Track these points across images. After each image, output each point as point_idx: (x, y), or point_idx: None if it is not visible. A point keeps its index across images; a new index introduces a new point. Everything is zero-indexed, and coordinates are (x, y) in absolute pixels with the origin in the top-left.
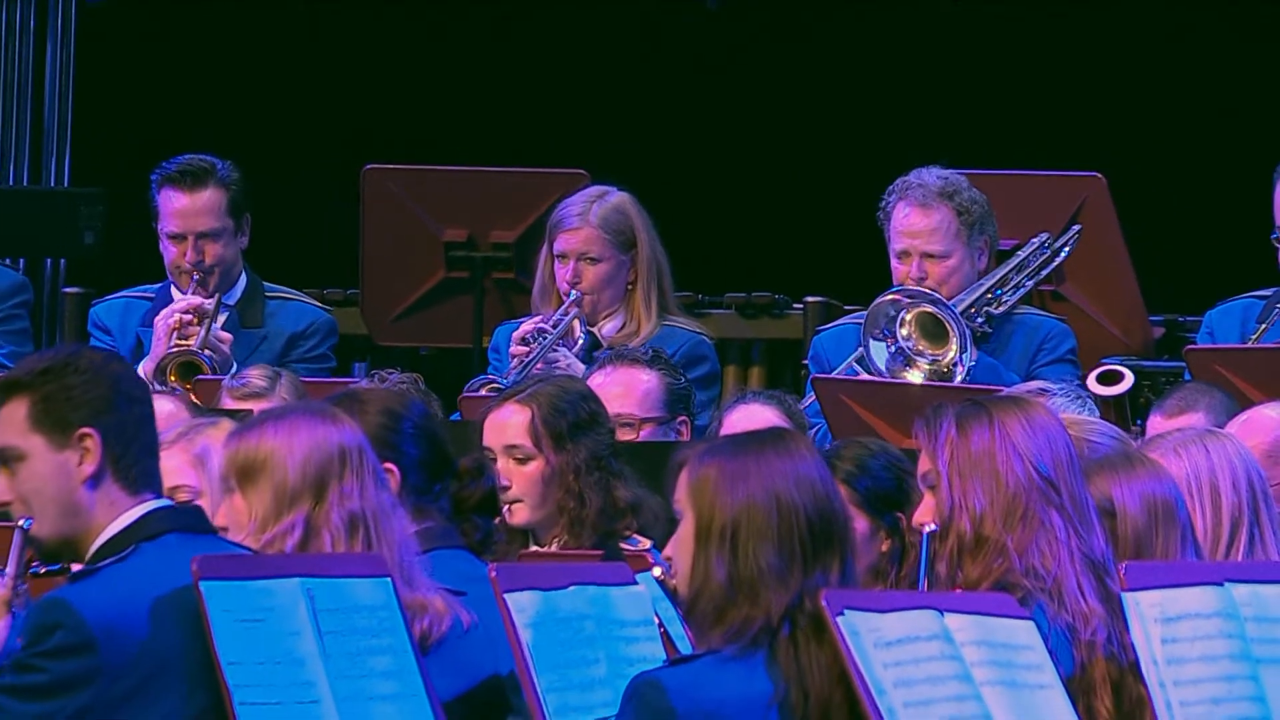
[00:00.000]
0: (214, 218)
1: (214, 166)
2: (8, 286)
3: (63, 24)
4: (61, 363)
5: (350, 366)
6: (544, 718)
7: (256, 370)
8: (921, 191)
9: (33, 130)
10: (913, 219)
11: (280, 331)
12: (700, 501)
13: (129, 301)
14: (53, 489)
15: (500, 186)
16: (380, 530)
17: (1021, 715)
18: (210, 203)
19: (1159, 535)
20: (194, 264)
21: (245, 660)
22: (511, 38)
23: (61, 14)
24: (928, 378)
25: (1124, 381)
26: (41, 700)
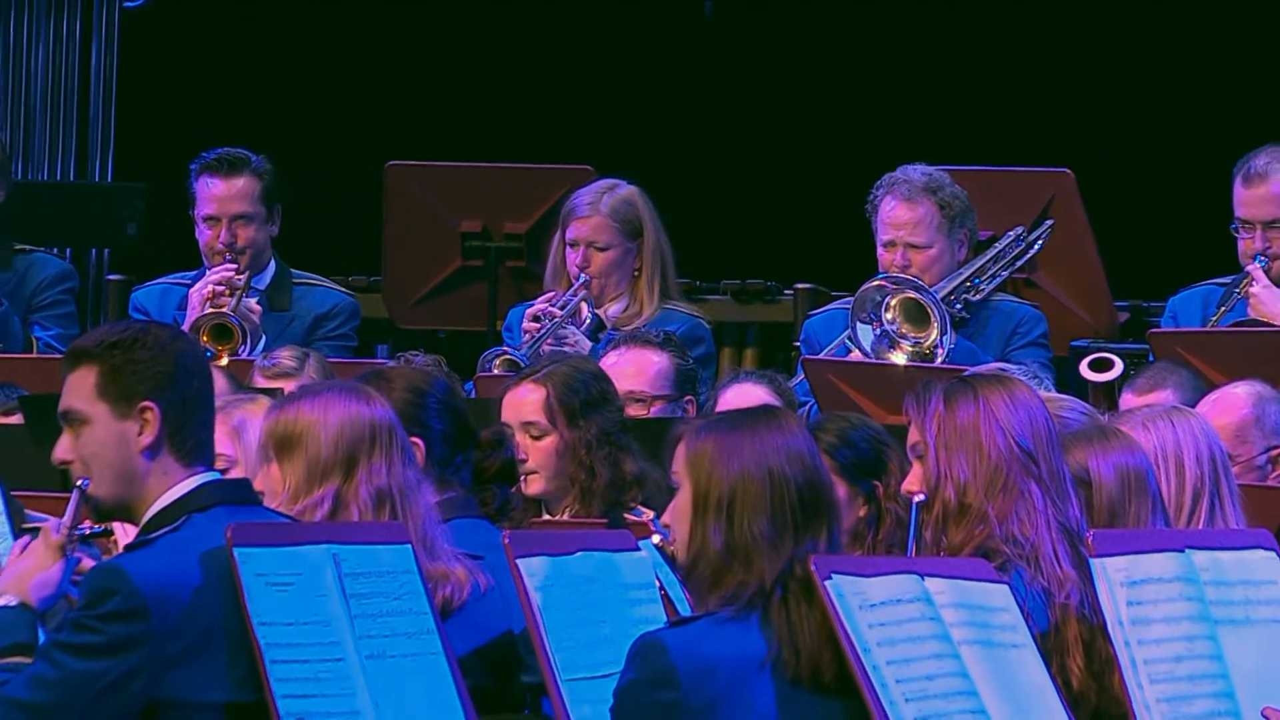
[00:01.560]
0: (247, 203)
1: (249, 158)
2: (56, 274)
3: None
4: (131, 337)
5: (373, 348)
6: (553, 674)
7: (286, 351)
8: (907, 187)
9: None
10: (898, 212)
11: (307, 313)
12: (698, 473)
13: (167, 287)
14: (111, 454)
15: (512, 181)
16: (406, 505)
17: (996, 672)
18: (245, 189)
19: (1131, 503)
20: (227, 245)
21: (276, 621)
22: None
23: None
24: (910, 359)
25: (1115, 369)
26: (95, 659)
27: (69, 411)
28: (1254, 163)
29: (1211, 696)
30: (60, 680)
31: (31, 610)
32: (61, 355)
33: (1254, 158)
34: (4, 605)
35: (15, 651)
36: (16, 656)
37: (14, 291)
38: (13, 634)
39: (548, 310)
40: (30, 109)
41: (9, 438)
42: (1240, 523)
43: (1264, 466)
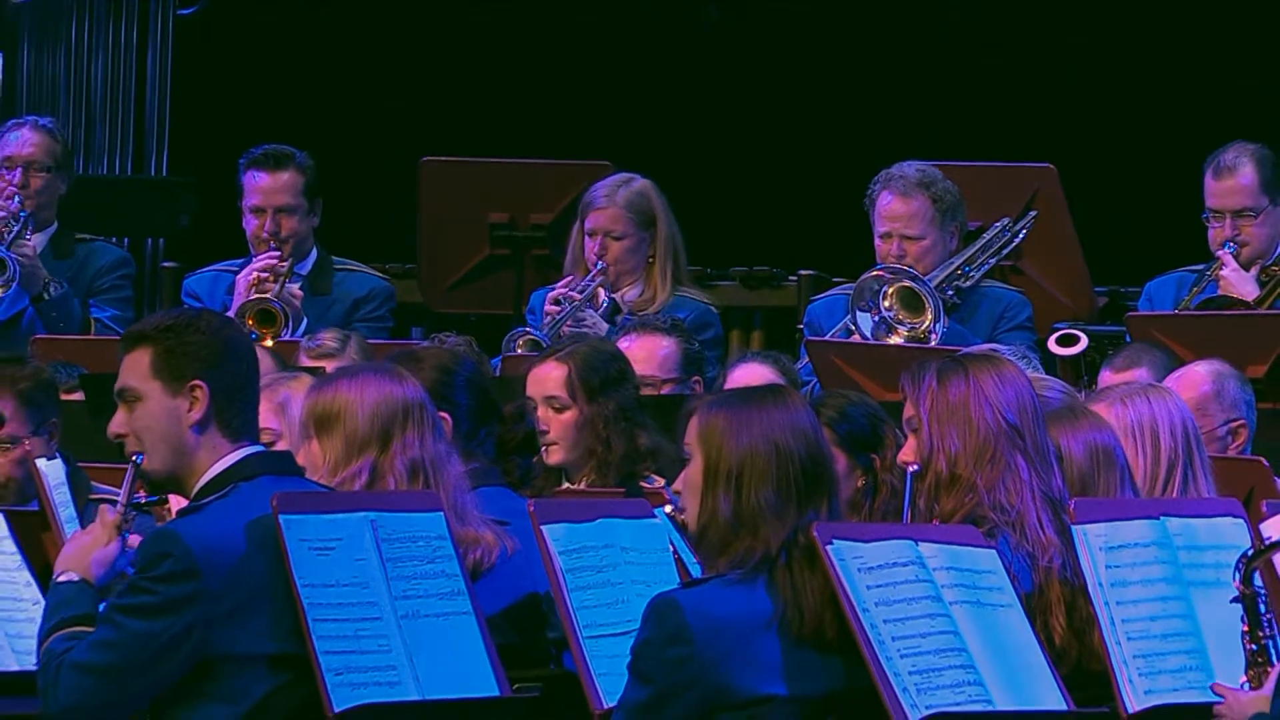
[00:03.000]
0: (291, 195)
1: (293, 153)
2: (114, 260)
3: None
4: (184, 322)
5: (409, 331)
6: (575, 631)
7: (329, 333)
8: (902, 182)
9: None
10: (894, 206)
11: (346, 297)
12: (708, 446)
13: (217, 274)
14: (163, 429)
15: (536, 175)
16: (437, 475)
17: (985, 630)
18: (289, 182)
19: (1100, 476)
20: (271, 234)
21: (318, 583)
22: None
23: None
24: (906, 342)
25: (1080, 344)
26: (151, 618)
27: (125, 389)
28: (1223, 157)
29: (1184, 653)
30: (120, 641)
31: (91, 585)
32: (119, 336)
33: (1223, 153)
34: (66, 581)
35: (78, 623)
36: (79, 627)
37: (75, 277)
38: (75, 607)
39: (568, 294)
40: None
41: (72, 413)
42: (1211, 492)
43: (1224, 438)
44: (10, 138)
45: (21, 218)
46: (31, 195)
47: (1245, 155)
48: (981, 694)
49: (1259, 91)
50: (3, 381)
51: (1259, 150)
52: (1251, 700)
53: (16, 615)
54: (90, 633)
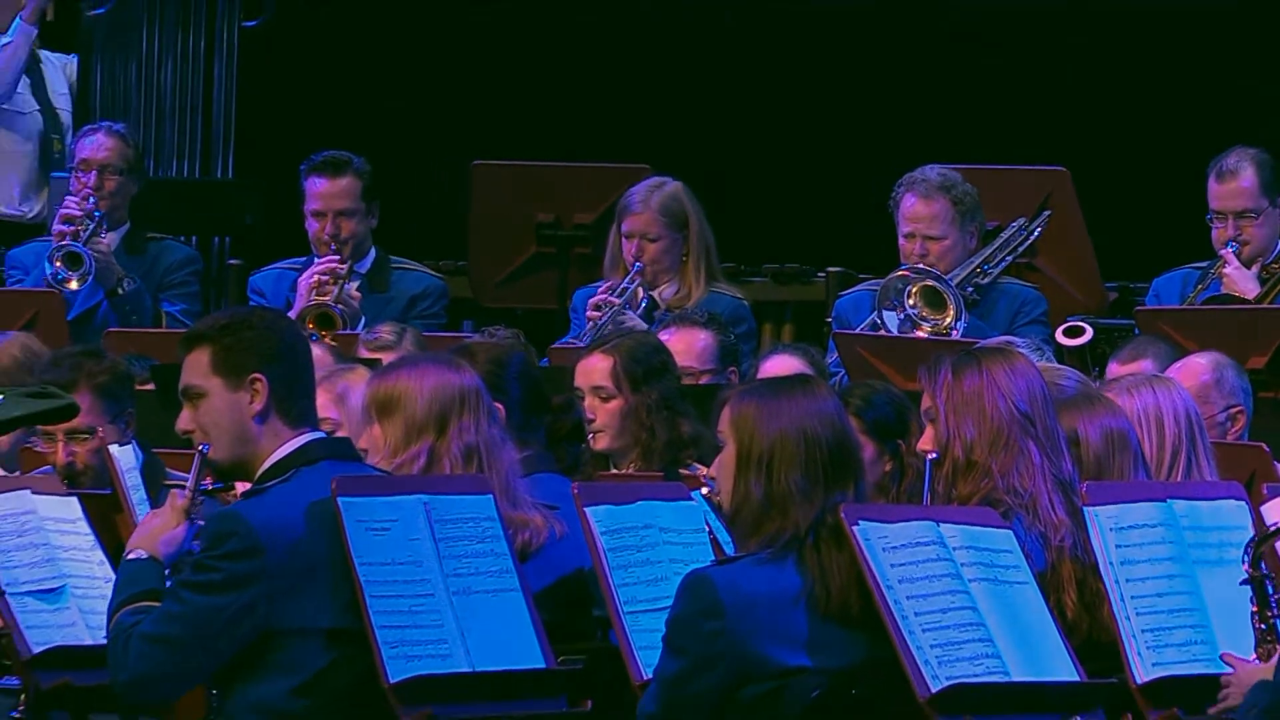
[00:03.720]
0: (350, 199)
1: (351, 160)
2: (183, 258)
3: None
4: (240, 319)
5: (460, 324)
6: (616, 606)
7: (386, 326)
8: (924, 185)
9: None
10: (917, 208)
11: (403, 294)
12: (740, 433)
13: (281, 272)
14: (227, 422)
15: (580, 178)
16: (491, 460)
17: (1001, 605)
18: (348, 187)
19: (1115, 459)
20: (331, 236)
21: (374, 561)
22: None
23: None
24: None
25: (1085, 335)
26: (217, 594)
27: (188, 388)
28: (1225, 162)
29: (1190, 627)
30: (186, 614)
31: (159, 563)
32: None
33: (1225, 158)
34: (135, 558)
35: (146, 598)
36: (147, 601)
37: (146, 273)
38: (143, 583)
39: (608, 300)
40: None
41: (143, 403)
42: (1214, 476)
43: (1224, 424)
44: (85, 142)
45: (96, 217)
46: (105, 196)
47: (1246, 159)
48: (999, 665)
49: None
50: (81, 374)
51: (1259, 154)
52: (1259, 670)
53: (90, 593)
54: (157, 607)
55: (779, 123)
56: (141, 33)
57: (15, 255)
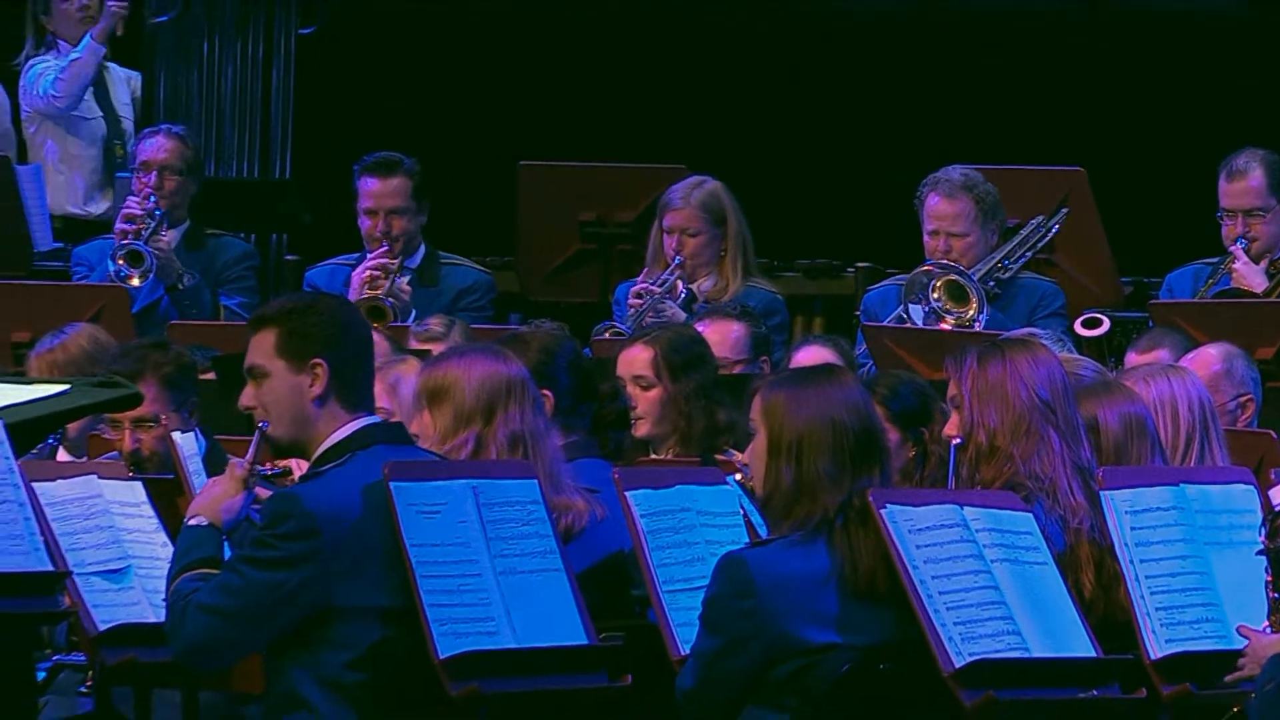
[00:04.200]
0: (400, 198)
1: (402, 160)
2: (241, 253)
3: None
4: (306, 305)
5: (507, 317)
6: (655, 585)
7: (436, 319)
8: (948, 185)
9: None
10: (941, 206)
11: (451, 289)
12: (771, 421)
13: (335, 267)
14: (287, 403)
15: (621, 177)
16: (536, 447)
17: (1022, 585)
18: (398, 187)
19: (1133, 445)
20: (383, 234)
21: (425, 543)
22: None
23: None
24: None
25: (1103, 326)
26: (274, 571)
27: (253, 367)
28: (1235, 162)
29: (1201, 605)
30: (244, 588)
31: (218, 530)
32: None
33: (1235, 158)
34: (196, 524)
35: (205, 564)
36: (206, 568)
37: (206, 268)
38: (203, 549)
39: (648, 289)
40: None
41: (207, 392)
42: (1225, 461)
43: (1234, 411)
44: (146, 144)
45: (157, 216)
46: (165, 196)
47: (1255, 160)
48: (1019, 642)
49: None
50: (146, 365)
51: (1268, 155)
52: (1274, 642)
53: (154, 573)
54: (216, 575)
55: (811, 126)
56: (203, 40)
57: (81, 252)
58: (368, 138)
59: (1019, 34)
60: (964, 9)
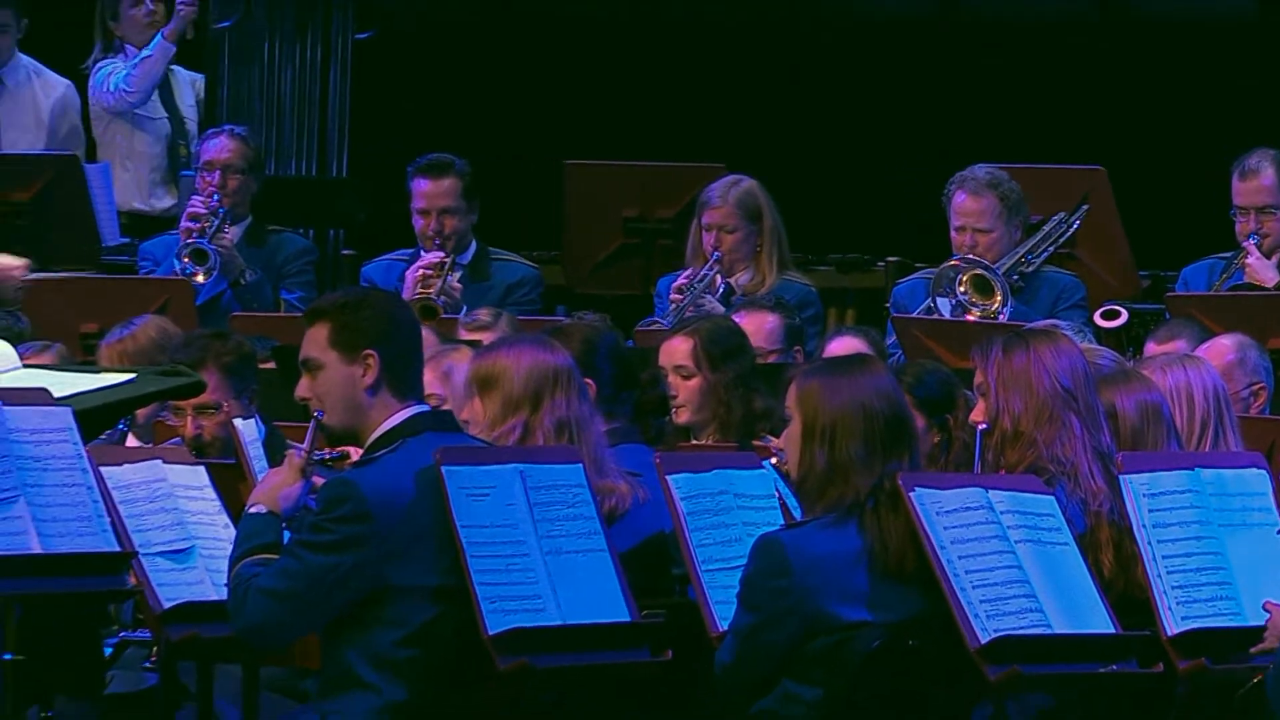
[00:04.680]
0: (452, 199)
1: (453, 162)
2: (301, 249)
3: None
4: (358, 299)
5: (554, 309)
6: (695, 565)
7: (485, 310)
8: (974, 183)
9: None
10: (967, 204)
11: (501, 283)
12: (806, 407)
13: (390, 263)
14: (341, 392)
15: (662, 175)
16: (581, 433)
17: (1045, 565)
18: (450, 187)
19: (1150, 431)
20: (435, 232)
21: (475, 524)
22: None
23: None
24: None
25: (1121, 318)
26: (330, 554)
27: (308, 360)
28: (1247, 161)
29: (1216, 584)
30: (302, 571)
31: (277, 517)
32: None
33: (1247, 158)
34: (256, 512)
35: (265, 550)
36: (266, 554)
37: (267, 263)
38: (264, 536)
39: (689, 284)
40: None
41: (267, 380)
42: (1238, 447)
43: (1247, 399)
44: (209, 144)
45: (221, 214)
46: (228, 194)
47: (1267, 159)
48: (1041, 619)
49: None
50: (208, 354)
51: (1279, 155)
52: None
53: (216, 554)
54: (275, 560)
55: (843, 126)
56: (263, 44)
57: (147, 247)
58: (421, 138)
59: (1042, 39)
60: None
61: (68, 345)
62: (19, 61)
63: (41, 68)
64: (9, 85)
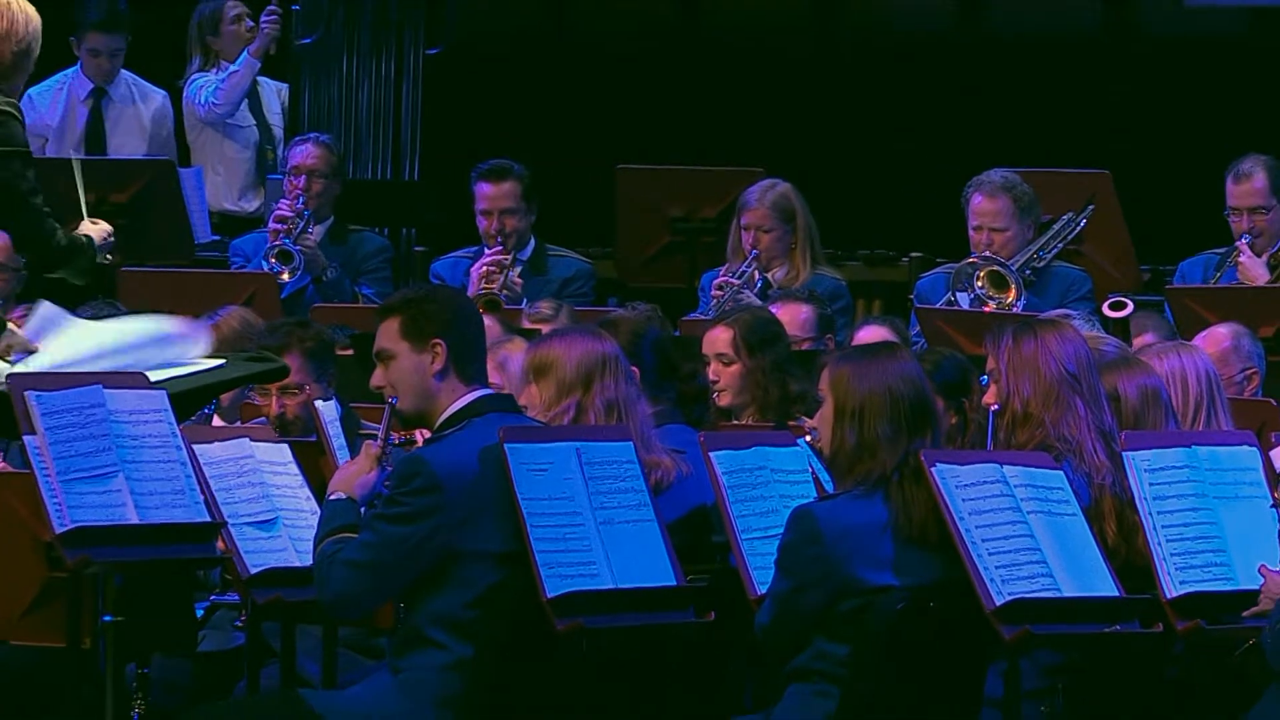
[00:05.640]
0: (512, 200)
1: (512, 166)
2: (377, 247)
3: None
4: (425, 294)
5: (606, 300)
6: (735, 534)
7: (545, 302)
8: (990, 186)
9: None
10: (984, 205)
11: (557, 277)
12: (838, 390)
13: (456, 260)
14: (412, 379)
15: (706, 178)
16: (628, 413)
17: (1055, 534)
18: (510, 190)
19: (1149, 412)
20: (498, 231)
21: (535, 496)
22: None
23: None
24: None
25: (1127, 308)
26: (404, 525)
27: (381, 350)
28: (1240, 166)
29: (1210, 551)
30: (379, 542)
31: (355, 502)
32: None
33: (1240, 162)
34: (336, 499)
35: (344, 530)
36: (346, 534)
37: (347, 260)
38: (343, 518)
39: (729, 281)
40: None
41: (344, 366)
42: (1229, 425)
43: (1241, 383)
44: (296, 151)
45: (305, 216)
46: (313, 197)
47: (1258, 164)
48: (1051, 584)
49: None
50: (291, 340)
51: (1269, 160)
52: None
53: (298, 523)
54: (355, 537)
55: (871, 133)
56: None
57: (237, 245)
58: (485, 144)
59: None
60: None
61: None
62: (121, 77)
63: (139, 80)
64: (114, 99)
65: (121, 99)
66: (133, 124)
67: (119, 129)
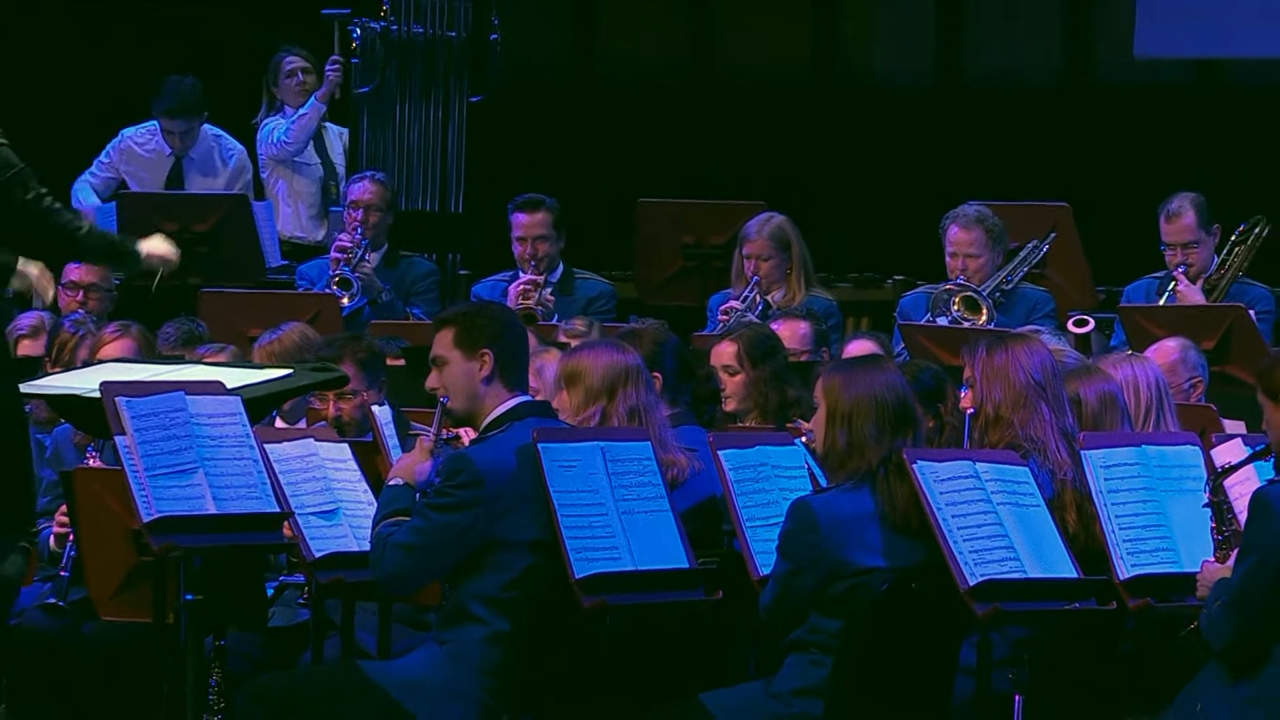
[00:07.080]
0: (544, 229)
1: (544, 199)
2: (426, 271)
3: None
4: (477, 309)
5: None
6: (740, 523)
7: (580, 320)
8: (964, 218)
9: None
10: (959, 236)
11: (583, 297)
12: (830, 396)
13: (495, 282)
14: (462, 383)
15: (714, 210)
16: (648, 417)
17: (1022, 523)
18: (542, 220)
19: (1107, 415)
20: (531, 256)
21: (564, 489)
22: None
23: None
24: None
25: (1089, 325)
26: (450, 514)
27: (436, 357)
28: (1169, 206)
29: (1158, 538)
30: (427, 528)
31: (411, 488)
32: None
33: (1169, 202)
34: (394, 484)
35: (400, 514)
36: (400, 516)
37: (399, 282)
38: (399, 503)
39: (734, 306)
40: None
41: (396, 375)
42: (1177, 428)
43: (1188, 390)
44: (355, 187)
45: (363, 246)
46: (370, 228)
47: (1186, 202)
48: (1018, 566)
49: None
50: (346, 351)
51: (1196, 197)
52: (1219, 570)
53: (357, 513)
54: (407, 522)
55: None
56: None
57: (304, 269)
58: (521, 180)
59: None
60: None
61: (238, 346)
62: (204, 134)
63: (221, 133)
64: (195, 158)
65: (202, 156)
66: (213, 177)
67: (198, 185)
